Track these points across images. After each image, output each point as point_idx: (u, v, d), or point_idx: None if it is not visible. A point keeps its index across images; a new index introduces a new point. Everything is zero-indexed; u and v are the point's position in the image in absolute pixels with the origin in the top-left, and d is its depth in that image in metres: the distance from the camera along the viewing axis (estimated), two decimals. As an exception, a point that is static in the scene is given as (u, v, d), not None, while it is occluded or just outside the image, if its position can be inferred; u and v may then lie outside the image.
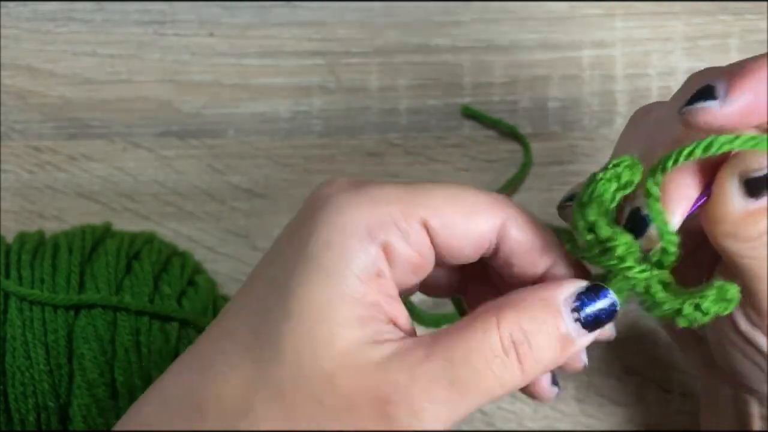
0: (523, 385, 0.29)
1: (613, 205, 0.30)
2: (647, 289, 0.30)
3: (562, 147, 0.51)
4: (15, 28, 0.52)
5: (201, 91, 0.52)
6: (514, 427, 0.47)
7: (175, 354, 0.42)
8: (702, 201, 0.29)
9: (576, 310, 0.29)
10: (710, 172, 0.29)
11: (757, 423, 0.35)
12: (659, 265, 0.29)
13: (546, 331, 0.28)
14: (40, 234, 0.46)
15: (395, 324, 0.30)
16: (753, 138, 0.28)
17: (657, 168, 0.29)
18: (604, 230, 0.29)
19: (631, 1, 0.52)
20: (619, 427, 0.47)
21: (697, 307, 0.29)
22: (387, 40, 0.52)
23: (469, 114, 0.51)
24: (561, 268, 0.31)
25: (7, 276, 0.43)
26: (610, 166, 0.30)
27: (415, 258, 0.30)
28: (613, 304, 0.29)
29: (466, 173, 0.51)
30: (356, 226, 0.29)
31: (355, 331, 0.28)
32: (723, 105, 0.28)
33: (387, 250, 0.29)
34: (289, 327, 0.28)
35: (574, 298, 0.29)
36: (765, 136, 0.28)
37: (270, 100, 0.51)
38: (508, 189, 0.50)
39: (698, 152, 0.28)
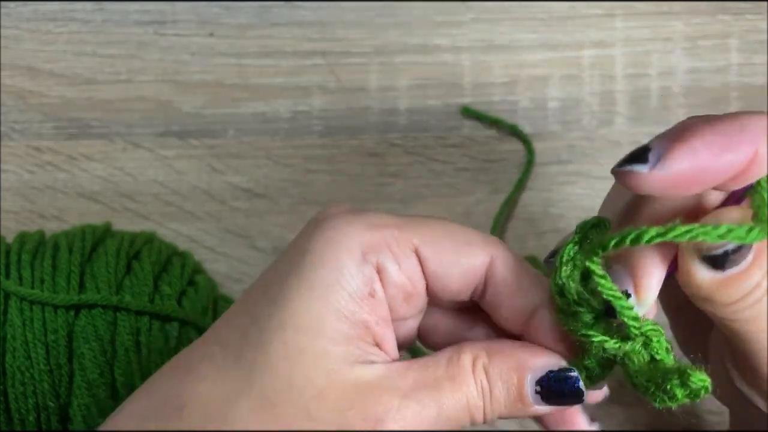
0: (483, 424, 0.30)
1: (594, 265, 0.29)
2: (623, 360, 0.29)
3: (561, 147, 0.51)
4: (15, 28, 0.52)
5: (201, 91, 0.52)
6: (514, 427, 0.47)
7: (175, 354, 0.42)
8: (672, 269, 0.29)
9: (540, 383, 0.30)
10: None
11: None
12: (626, 336, 0.29)
13: (506, 389, 0.30)
14: (41, 234, 0.46)
15: (381, 347, 0.30)
16: (689, 230, 0.26)
17: (592, 251, 0.28)
18: (570, 294, 0.29)
19: (631, 1, 0.52)
20: (619, 427, 0.47)
21: (665, 390, 0.28)
22: (387, 40, 0.52)
23: (469, 114, 0.51)
24: (547, 313, 0.31)
25: (8, 276, 0.43)
26: (577, 229, 0.30)
27: (406, 284, 0.31)
28: (578, 390, 0.30)
29: (466, 173, 0.51)
30: (351, 245, 0.30)
31: (344, 350, 0.29)
32: (652, 171, 0.26)
33: (380, 272, 0.30)
34: (282, 338, 0.29)
35: (543, 372, 0.30)
36: (704, 226, 0.26)
37: (270, 100, 0.51)
38: (518, 190, 0.50)
39: (626, 242, 0.27)
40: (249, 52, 0.52)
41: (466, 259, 0.31)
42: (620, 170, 0.27)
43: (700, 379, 0.27)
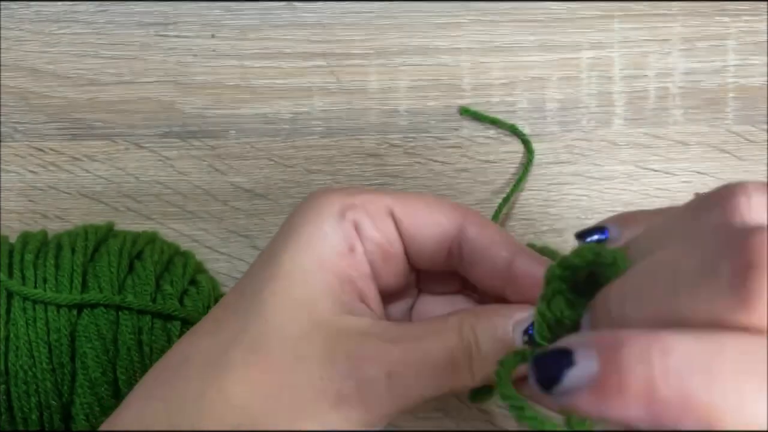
0: (472, 385, 0.31)
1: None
2: None
3: (560, 148, 0.51)
4: (18, 29, 0.53)
5: (203, 93, 0.52)
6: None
7: (177, 352, 0.43)
8: None
9: (527, 332, 0.30)
10: None
11: None
12: None
13: (494, 341, 0.31)
14: (43, 234, 0.46)
15: (367, 303, 0.32)
16: None
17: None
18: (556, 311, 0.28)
19: (628, 2, 0.52)
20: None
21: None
22: (387, 42, 0.52)
23: (468, 115, 0.51)
24: (523, 263, 0.32)
25: (11, 276, 0.43)
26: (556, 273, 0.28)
27: (383, 241, 0.33)
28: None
29: (465, 173, 0.51)
30: (331, 207, 0.32)
31: (331, 300, 0.31)
32: None
33: (357, 229, 0.33)
34: (272, 287, 0.31)
35: (529, 320, 0.30)
36: None
37: (271, 101, 0.52)
38: (517, 189, 0.50)
39: None
40: (250, 53, 0.52)
41: (437, 219, 0.33)
42: None
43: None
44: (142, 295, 0.43)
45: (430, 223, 0.33)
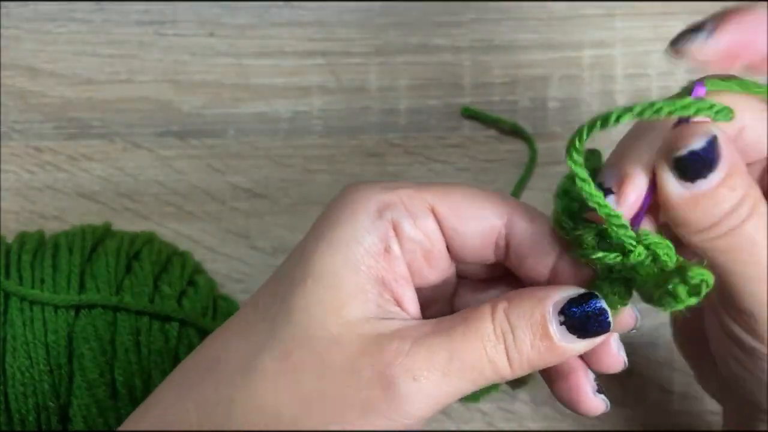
0: (512, 376, 0.30)
1: (577, 167, 0.30)
2: (632, 275, 0.29)
3: (562, 147, 0.51)
4: (15, 28, 0.53)
5: (201, 91, 0.52)
6: (514, 427, 0.47)
7: (175, 354, 0.43)
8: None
9: (563, 313, 0.29)
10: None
11: None
12: (620, 248, 0.29)
13: (530, 327, 0.30)
14: (41, 234, 0.46)
15: (402, 306, 0.31)
16: (651, 105, 0.27)
17: (570, 149, 0.29)
18: (567, 223, 0.30)
19: (631, 1, 0.52)
20: (619, 427, 0.47)
21: (669, 292, 0.28)
22: (387, 40, 0.52)
23: (469, 114, 0.51)
24: (568, 262, 0.31)
25: (8, 276, 0.43)
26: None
27: (423, 240, 0.31)
28: (601, 311, 0.30)
29: (466, 173, 0.51)
30: (367, 204, 0.31)
31: (362, 304, 0.30)
32: (708, 38, 0.29)
33: (396, 229, 0.31)
34: (302, 290, 0.30)
35: (564, 301, 0.30)
36: (670, 100, 0.27)
37: (270, 100, 0.51)
38: (520, 187, 0.50)
39: (597, 126, 0.27)
40: (249, 52, 0.52)
41: (482, 213, 0.32)
42: (679, 40, 0.29)
43: (699, 273, 0.27)
44: (140, 296, 0.43)
45: (474, 219, 0.32)
